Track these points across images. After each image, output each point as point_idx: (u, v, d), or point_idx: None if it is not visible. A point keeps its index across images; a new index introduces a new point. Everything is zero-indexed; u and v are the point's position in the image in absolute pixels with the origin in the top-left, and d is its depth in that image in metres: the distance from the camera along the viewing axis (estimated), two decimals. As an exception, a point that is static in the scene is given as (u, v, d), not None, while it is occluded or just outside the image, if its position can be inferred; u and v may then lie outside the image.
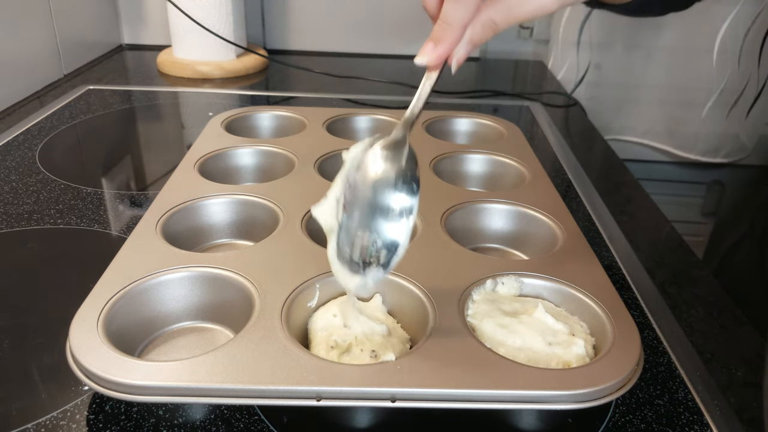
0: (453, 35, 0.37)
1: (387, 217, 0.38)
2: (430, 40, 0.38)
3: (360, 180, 0.39)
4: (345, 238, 0.39)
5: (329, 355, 0.41)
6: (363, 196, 0.38)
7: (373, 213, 0.38)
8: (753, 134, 1.24)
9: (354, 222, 0.39)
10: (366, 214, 0.38)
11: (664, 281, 0.58)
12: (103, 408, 0.41)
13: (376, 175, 0.39)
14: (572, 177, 0.78)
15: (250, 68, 1.17)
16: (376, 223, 0.38)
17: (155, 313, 0.46)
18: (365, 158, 0.39)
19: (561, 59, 1.25)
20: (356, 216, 0.39)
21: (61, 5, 1.06)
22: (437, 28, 0.38)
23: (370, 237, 0.38)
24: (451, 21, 0.37)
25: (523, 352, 0.42)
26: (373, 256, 0.38)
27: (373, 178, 0.39)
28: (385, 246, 0.38)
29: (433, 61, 0.38)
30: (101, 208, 0.66)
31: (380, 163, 0.39)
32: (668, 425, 0.42)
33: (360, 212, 0.38)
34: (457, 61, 0.39)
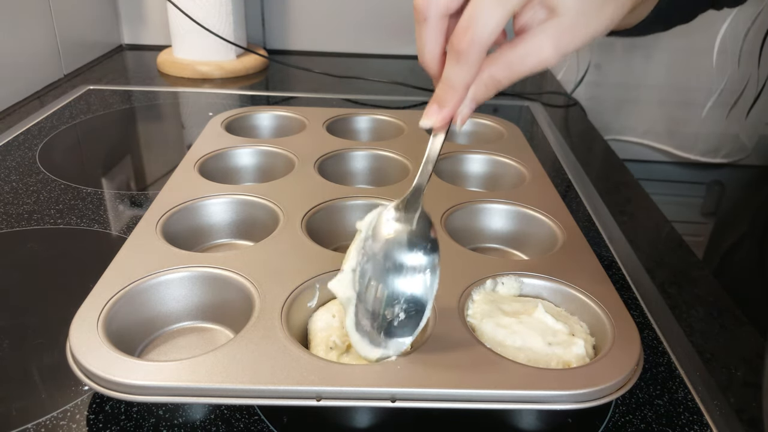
0: (456, 97, 0.37)
1: (404, 277, 0.39)
2: (434, 102, 0.38)
3: (375, 246, 0.40)
4: (364, 306, 0.40)
5: (329, 355, 0.41)
6: (378, 261, 0.39)
7: (390, 275, 0.39)
8: (753, 134, 1.24)
9: (372, 289, 0.39)
10: (383, 278, 0.39)
11: (664, 281, 0.58)
12: (103, 408, 0.41)
13: (388, 236, 0.40)
14: (572, 177, 0.78)
15: (250, 68, 1.17)
16: (394, 285, 0.39)
17: (155, 313, 0.46)
18: (378, 224, 0.40)
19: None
20: (374, 283, 0.39)
21: (61, 5, 1.06)
22: (440, 92, 0.38)
23: (389, 299, 0.39)
24: (454, 83, 0.37)
25: (523, 352, 0.42)
26: (395, 318, 0.39)
27: (386, 239, 0.40)
28: (407, 307, 0.39)
29: (438, 124, 0.39)
30: (101, 208, 0.66)
31: (392, 225, 0.40)
32: (668, 425, 0.42)
33: (378, 278, 0.39)
34: (461, 120, 0.39)
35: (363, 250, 0.40)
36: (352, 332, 0.40)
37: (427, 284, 0.39)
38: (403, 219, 0.40)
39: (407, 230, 0.39)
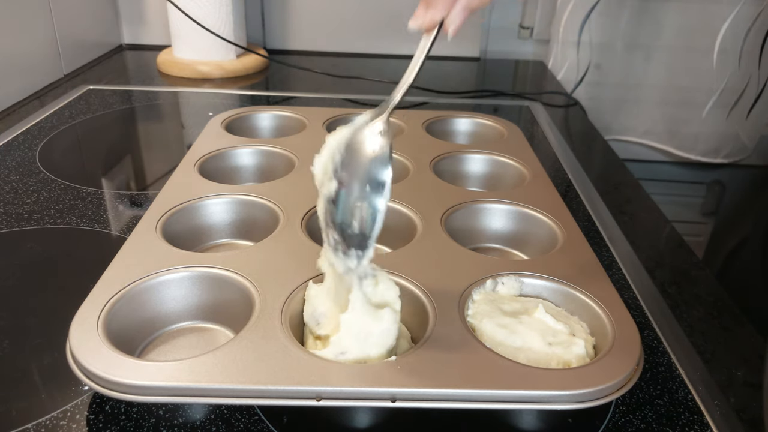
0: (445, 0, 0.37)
1: (379, 190, 0.38)
2: (421, 3, 0.37)
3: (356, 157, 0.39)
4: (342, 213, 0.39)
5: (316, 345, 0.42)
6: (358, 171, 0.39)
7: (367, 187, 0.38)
8: (753, 134, 1.24)
9: (351, 197, 0.39)
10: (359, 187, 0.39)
11: (664, 281, 0.58)
12: (103, 408, 0.41)
13: (373, 153, 0.39)
14: (572, 177, 0.78)
15: (250, 68, 1.17)
16: (371, 196, 0.38)
17: (155, 313, 0.46)
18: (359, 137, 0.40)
19: (561, 59, 1.25)
20: (354, 191, 0.39)
21: (61, 5, 1.06)
22: None
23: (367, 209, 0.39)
24: None
25: (523, 352, 0.42)
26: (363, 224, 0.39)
27: (372, 155, 0.39)
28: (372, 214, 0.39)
29: (426, 24, 0.38)
30: (101, 208, 0.66)
31: (378, 139, 0.39)
32: (668, 425, 0.42)
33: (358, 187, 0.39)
34: (454, 28, 0.38)
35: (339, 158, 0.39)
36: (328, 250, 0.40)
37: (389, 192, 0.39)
38: (381, 134, 0.39)
39: (387, 147, 0.39)
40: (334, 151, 0.40)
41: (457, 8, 0.37)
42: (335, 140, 0.41)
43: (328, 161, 0.40)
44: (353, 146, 0.40)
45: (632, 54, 1.21)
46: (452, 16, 0.37)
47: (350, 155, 0.39)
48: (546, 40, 1.33)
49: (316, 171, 0.41)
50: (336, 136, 0.41)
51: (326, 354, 0.40)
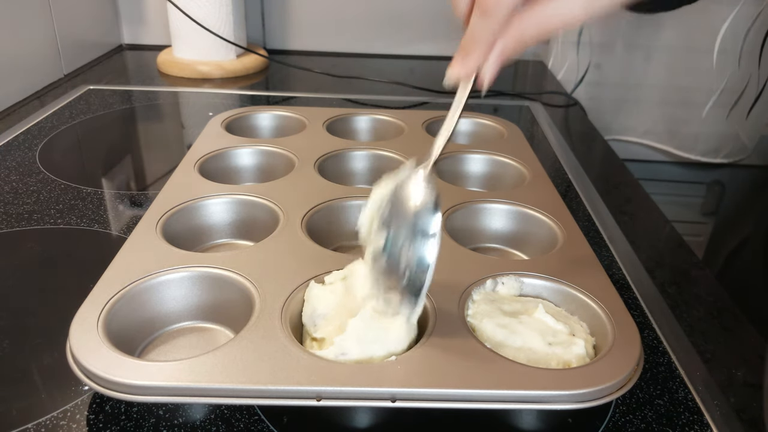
0: (479, 49, 0.37)
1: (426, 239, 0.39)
2: (458, 54, 0.38)
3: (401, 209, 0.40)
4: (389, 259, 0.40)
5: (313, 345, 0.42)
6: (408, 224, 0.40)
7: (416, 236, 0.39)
8: (753, 134, 1.24)
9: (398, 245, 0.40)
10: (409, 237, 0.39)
11: (664, 281, 0.58)
12: (103, 408, 0.41)
13: (416, 205, 0.40)
14: (572, 177, 0.78)
15: (250, 68, 1.17)
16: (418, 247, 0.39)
17: (155, 313, 0.46)
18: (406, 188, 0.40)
19: (561, 59, 1.25)
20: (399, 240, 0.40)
21: (61, 5, 1.06)
22: (464, 43, 0.37)
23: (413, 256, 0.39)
24: (478, 36, 0.37)
25: (523, 352, 0.42)
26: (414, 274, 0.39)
27: (415, 207, 0.40)
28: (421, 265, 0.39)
29: (463, 75, 0.38)
30: (101, 208, 0.66)
31: (422, 188, 0.40)
32: (668, 425, 0.42)
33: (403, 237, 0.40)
34: (489, 79, 0.38)
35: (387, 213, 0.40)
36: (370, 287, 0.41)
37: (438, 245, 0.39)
38: (429, 181, 0.40)
39: (433, 197, 0.40)
40: (381, 204, 0.41)
41: (492, 58, 0.38)
42: (380, 192, 0.41)
43: (375, 214, 0.41)
44: (398, 199, 0.40)
45: (632, 54, 1.21)
46: (487, 66, 0.38)
47: (397, 206, 0.40)
48: (546, 40, 1.33)
49: (361, 224, 0.42)
50: (380, 187, 0.41)
51: (326, 354, 0.40)
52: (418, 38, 1.30)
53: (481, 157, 0.72)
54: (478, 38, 0.37)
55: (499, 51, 0.37)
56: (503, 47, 0.37)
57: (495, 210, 0.60)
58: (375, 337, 0.40)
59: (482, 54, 0.37)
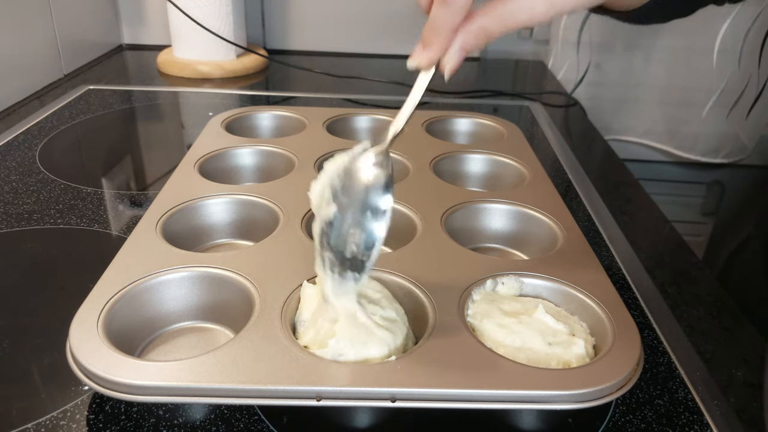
0: (440, 39, 0.37)
1: (377, 217, 0.39)
2: (419, 43, 0.38)
3: (352, 184, 0.40)
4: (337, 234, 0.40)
5: None
6: (356, 197, 0.40)
7: (365, 213, 0.39)
8: (753, 134, 1.24)
9: (347, 222, 0.40)
10: (357, 213, 0.40)
11: (664, 281, 0.58)
12: (103, 408, 0.41)
13: (368, 181, 0.40)
14: (572, 177, 0.78)
15: (250, 68, 1.17)
16: (368, 223, 0.39)
17: (155, 313, 0.46)
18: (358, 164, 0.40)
19: (561, 59, 1.25)
20: (349, 217, 0.40)
21: (61, 5, 1.06)
22: (425, 32, 0.38)
23: (360, 234, 0.39)
24: (438, 25, 0.37)
25: (522, 352, 0.42)
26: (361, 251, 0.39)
27: (367, 182, 0.40)
28: (369, 239, 0.39)
29: (423, 64, 0.39)
30: (101, 208, 0.66)
31: (372, 169, 0.40)
32: (668, 425, 0.42)
33: (352, 214, 0.40)
34: (450, 69, 0.38)
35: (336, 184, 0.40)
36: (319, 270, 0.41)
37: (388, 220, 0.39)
38: (380, 163, 0.40)
39: (385, 174, 0.40)
40: (333, 177, 0.41)
41: (453, 49, 0.38)
42: (333, 166, 0.41)
43: (325, 186, 0.41)
44: (351, 173, 0.40)
45: (632, 54, 1.21)
46: (448, 56, 0.38)
47: (348, 182, 0.40)
48: (546, 40, 1.33)
49: (312, 196, 0.42)
50: (334, 162, 0.42)
51: (325, 355, 0.40)
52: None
53: (481, 157, 0.72)
54: (439, 28, 0.37)
55: (461, 43, 0.37)
56: (464, 40, 0.37)
57: (495, 210, 0.60)
58: (363, 338, 0.40)
59: (442, 44, 0.37)
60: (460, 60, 0.38)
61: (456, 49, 0.38)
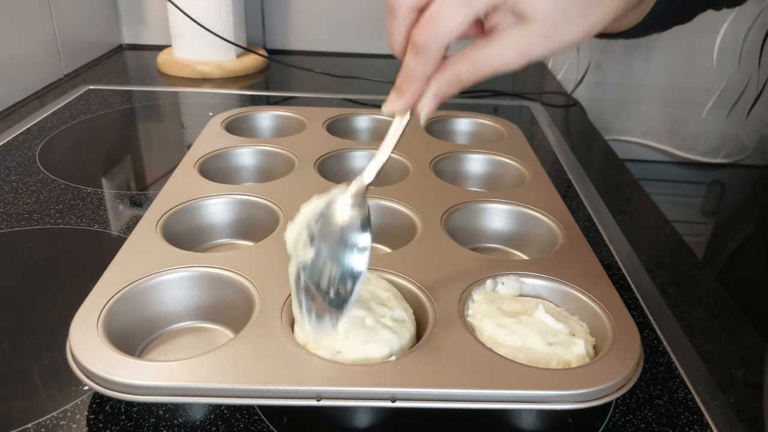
0: (414, 87, 0.38)
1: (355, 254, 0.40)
2: (394, 90, 0.39)
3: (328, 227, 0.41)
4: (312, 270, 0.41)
5: None
6: (333, 239, 0.41)
7: (344, 254, 0.40)
8: (753, 134, 1.24)
9: (325, 264, 0.40)
10: (335, 253, 0.40)
11: (664, 281, 0.58)
12: (103, 408, 0.41)
13: (343, 222, 0.41)
14: (572, 177, 0.78)
15: (250, 68, 1.17)
16: (346, 261, 0.40)
17: (155, 313, 0.46)
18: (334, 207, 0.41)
19: (561, 59, 1.25)
20: (324, 254, 0.40)
21: (61, 5, 1.06)
22: (399, 80, 0.38)
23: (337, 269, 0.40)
24: (411, 74, 0.37)
25: (522, 352, 0.42)
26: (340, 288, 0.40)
27: (342, 224, 0.41)
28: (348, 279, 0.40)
29: (397, 110, 0.39)
30: (101, 208, 0.66)
31: (348, 211, 0.41)
32: (668, 425, 0.42)
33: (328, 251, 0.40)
34: (425, 114, 0.39)
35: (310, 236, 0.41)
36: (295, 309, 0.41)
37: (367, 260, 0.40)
38: (357, 205, 0.41)
39: (362, 216, 0.40)
40: (310, 220, 0.41)
41: (428, 96, 0.38)
42: (309, 210, 0.42)
43: (302, 229, 0.41)
44: (327, 217, 0.41)
45: (632, 54, 1.21)
46: (422, 103, 0.38)
47: (325, 225, 0.41)
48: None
49: (288, 238, 0.42)
50: (309, 206, 0.42)
51: (324, 353, 0.40)
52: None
53: (481, 157, 0.72)
54: (412, 77, 0.37)
55: (434, 91, 0.38)
56: (438, 87, 0.38)
57: (495, 210, 0.60)
58: (366, 337, 0.40)
59: (416, 92, 0.38)
60: (434, 106, 0.38)
61: (430, 96, 0.38)
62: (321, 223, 0.41)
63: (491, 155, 0.72)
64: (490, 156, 0.72)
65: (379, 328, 0.41)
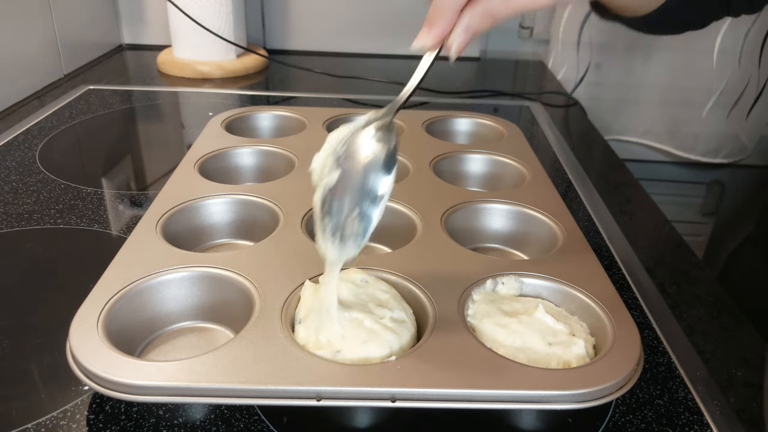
0: (445, 19, 0.37)
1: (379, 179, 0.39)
2: (425, 23, 0.38)
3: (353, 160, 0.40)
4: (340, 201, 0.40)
5: None
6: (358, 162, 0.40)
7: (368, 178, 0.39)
8: (753, 134, 1.24)
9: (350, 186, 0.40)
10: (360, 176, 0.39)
11: (664, 281, 0.58)
12: (103, 408, 0.41)
13: (366, 157, 0.40)
14: (572, 177, 0.78)
15: (250, 68, 1.17)
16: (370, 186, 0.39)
17: (155, 313, 0.46)
18: (358, 138, 0.40)
19: (561, 59, 1.25)
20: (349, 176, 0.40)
21: (61, 5, 1.06)
22: (430, 12, 0.37)
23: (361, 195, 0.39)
24: (443, 5, 0.37)
25: (523, 352, 0.42)
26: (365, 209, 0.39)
27: (366, 159, 0.40)
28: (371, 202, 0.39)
29: (429, 45, 0.38)
30: (101, 208, 0.66)
31: (373, 144, 0.40)
32: (668, 425, 0.42)
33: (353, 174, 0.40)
34: (456, 49, 0.38)
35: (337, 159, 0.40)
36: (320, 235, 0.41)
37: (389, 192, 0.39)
38: (382, 138, 0.40)
39: (386, 150, 0.39)
40: (336, 146, 0.41)
41: (459, 29, 0.37)
42: (336, 135, 0.42)
43: (328, 156, 0.41)
44: (352, 144, 0.40)
45: (632, 54, 1.21)
46: (454, 35, 0.38)
47: (351, 150, 0.40)
48: (546, 40, 1.33)
49: (314, 166, 0.42)
50: (337, 132, 0.42)
51: (324, 353, 0.40)
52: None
53: (481, 157, 0.72)
54: (444, 7, 0.37)
55: (466, 24, 0.37)
56: (470, 20, 0.37)
57: (495, 210, 0.60)
58: (366, 338, 0.40)
59: (447, 24, 0.37)
60: (466, 40, 0.38)
61: (462, 29, 0.37)
62: (346, 147, 0.40)
63: (491, 155, 0.72)
64: (490, 156, 0.72)
65: (378, 329, 0.41)
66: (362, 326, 0.41)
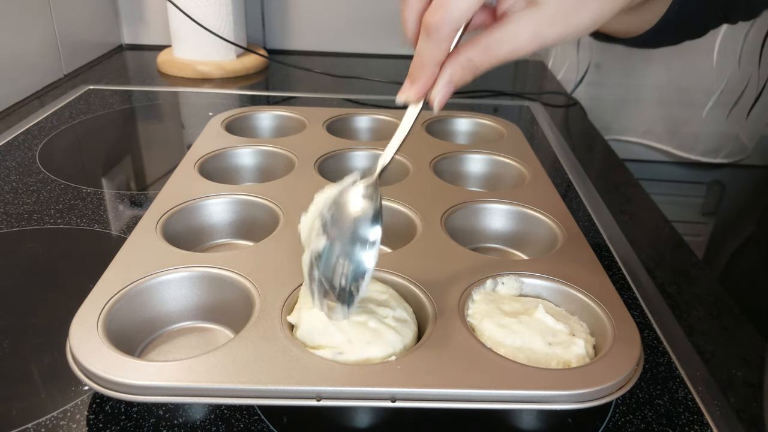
0: (427, 73, 0.37)
1: (365, 249, 0.40)
2: (408, 77, 0.38)
3: (342, 216, 0.41)
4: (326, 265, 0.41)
5: None
6: (345, 230, 0.41)
7: (354, 245, 0.40)
8: (753, 134, 1.24)
9: (336, 253, 0.40)
10: (347, 247, 0.40)
11: (664, 281, 0.58)
12: (103, 408, 0.41)
13: (357, 213, 0.41)
14: (572, 177, 0.78)
15: (250, 68, 1.17)
16: (356, 254, 0.40)
17: (155, 313, 0.46)
18: (347, 196, 0.41)
19: (561, 59, 1.25)
20: (338, 248, 0.40)
21: (61, 5, 1.06)
22: (412, 66, 0.38)
23: (349, 265, 0.40)
24: (424, 59, 0.37)
25: (522, 352, 0.42)
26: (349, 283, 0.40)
27: (356, 214, 0.41)
28: (359, 275, 0.40)
29: (412, 98, 0.39)
30: (101, 208, 0.66)
31: (361, 201, 0.41)
32: (668, 425, 0.42)
33: (342, 245, 0.40)
34: (439, 102, 0.39)
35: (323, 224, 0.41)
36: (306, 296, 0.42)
37: (377, 252, 0.40)
38: (369, 195, 0.41)
39: (374, 206, 0.40)
40: (323, 209, 0.41)
41: (441, 82, 0.38)
42: (323, 198, 0.42)
43: (315, 218, 0.42)
44: (340, 205, 0.41)
45: (632, 54, 1.21)
46: (436, 90, 0.38)
47: (338, 213, 0.41)
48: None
49: (302, 227, 0.43)
50: (323, 194, 0.42)
51: (325, 354, 0.40)
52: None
53: (481, 157, 0.72)
54: (425, 62, 0.37)
55: (448, 78, 0.38)
56: (451, 73, 0.37)
57: (495, 210, 0.60)
58: (369, 338, 0.40)
59: (429, 78, 0.38)
60: (448, 93, 0.38)
61: (444, 82, 0.38)
62: (333, 212, 0.41)
63: (491, 155, 0.72)
64: (490, 156, 0.72)
65: (382, 329, 0.41)
66: (366, 327, 0.41)
